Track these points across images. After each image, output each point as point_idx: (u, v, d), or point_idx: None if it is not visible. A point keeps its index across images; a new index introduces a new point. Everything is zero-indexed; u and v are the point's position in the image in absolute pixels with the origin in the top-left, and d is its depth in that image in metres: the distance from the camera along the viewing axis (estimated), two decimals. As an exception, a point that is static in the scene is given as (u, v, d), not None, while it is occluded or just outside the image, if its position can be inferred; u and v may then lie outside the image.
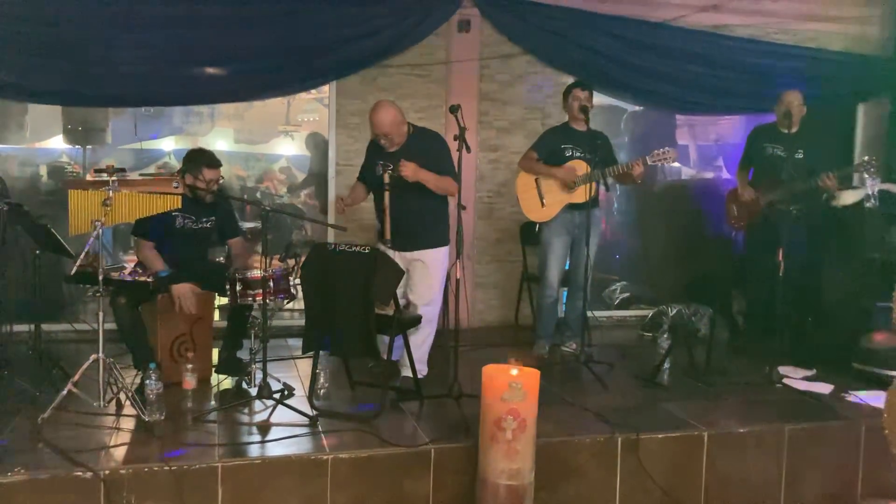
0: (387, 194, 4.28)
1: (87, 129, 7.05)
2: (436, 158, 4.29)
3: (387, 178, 4.26)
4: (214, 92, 5.77)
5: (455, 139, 3.92)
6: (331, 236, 5.90)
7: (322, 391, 4.26)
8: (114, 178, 3.64)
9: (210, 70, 5.61)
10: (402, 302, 4.21)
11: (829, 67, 6.59)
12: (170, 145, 10.00)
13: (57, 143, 7.64)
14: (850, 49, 6.70)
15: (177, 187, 3.72)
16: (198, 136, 10.53)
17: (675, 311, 6.06)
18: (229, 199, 4.50)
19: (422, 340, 4.36)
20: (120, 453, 3.37)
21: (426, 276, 4.36)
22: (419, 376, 4.37)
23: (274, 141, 11.30)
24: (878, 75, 6.64)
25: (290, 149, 10.77)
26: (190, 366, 3.94)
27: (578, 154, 4.99)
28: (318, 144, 7.56)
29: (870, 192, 5.36)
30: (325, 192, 6.18)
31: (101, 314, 3.66)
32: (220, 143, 11.21)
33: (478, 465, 3.38)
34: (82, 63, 5.39)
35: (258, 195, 8.01)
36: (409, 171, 4.15)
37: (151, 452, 3.37)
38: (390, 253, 4.40)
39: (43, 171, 7.24)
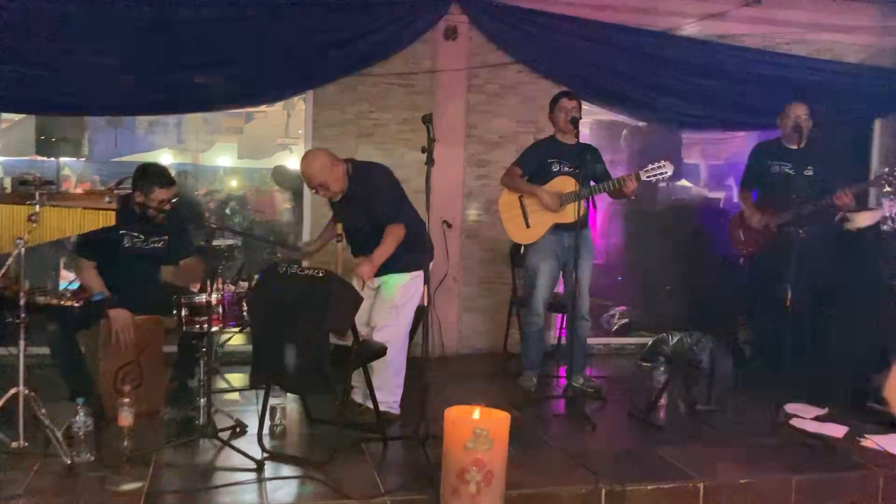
0: (339, 246, 4.03)
1: (61, 141, 6.72)
2: (372, 208, 4.00)
3: (339, 230, 4.04)
4: (185, 101, 5.43)
5: (422, 151, 3.52)
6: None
7: (278, 429, 3.86)
8: (41, 191, 3.27)
9: (181, 78, 5.27)
10: (364, 331, 3.81)
11: (844, 80, 6.19)
12: (167, 160, 9.69)
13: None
14: (866, 61, 6.30)
15: (110, 202, 3.35)
16: (198, 152, 10.22)
17: (675, 340, 5.62)
18: (177, 217, 4.13)
19: (381, 370, 3.94)
20: (32, 502, 2.97)
21: (384, 301, 3.99)
22: (393, 410, 4.02)
23: (277, 155, 10.96)
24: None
25: (294, 163, 10.41)
26: (126, 400, 3.54)
27: (567, 169, 4.59)
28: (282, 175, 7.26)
29: (887, 214, 4.95)
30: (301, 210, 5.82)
31: (21, 342, 3.27)
32: (222, 158, 10.90)
33: (438, 522, 2.97)
34: (49, 69, 5.06)
35: (228, 211, 7.62)
36: (367, 274, 3.89)
37: (71, 500, 2.98)
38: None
39: (7, 183, 6.91)
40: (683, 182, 8.42)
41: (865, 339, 4.81)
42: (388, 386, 4.00)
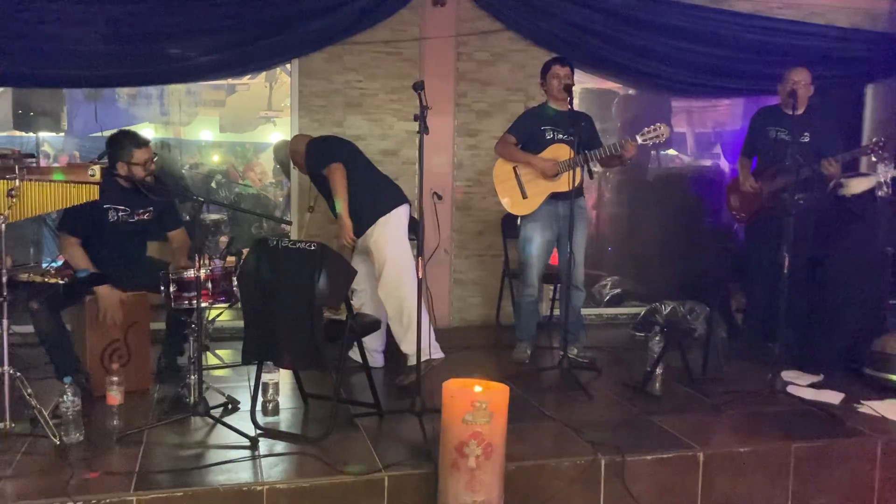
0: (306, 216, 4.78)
1: (39, 115, 6.55)
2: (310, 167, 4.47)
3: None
4: (165, 72, 5.24)
5: (415, 119, 3.42)
6: (295, 232, 5.42)
7: (271, 405, 3.79)
8: (20, 165, 3.15)
9: (162, 48, 5.12)
10: (355, 303, 3.74)
11: (837, 45, 6.11)
12: (148, 134, 9.48)
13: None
14: (858, 25, 6.21)
15: (92, 175, 3.23)
16: (180, 126, 10.02)
17: (669, 309, 5.60)
18: (160, 189, 4.02)
19: (407, 329, 3.88)
20: (20, 485, 2.89)
21: (380, 255, 4.12)
22: (437, 356, 4.13)
23: (261, 128, 10.75)
24: (889, 54, 6.15)
25: (277, 136, 10.23)
26: (115, 378, 3.46)
27: (560, 136, 4.51)
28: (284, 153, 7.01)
29: (882, 180, 4.90)
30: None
31: (4, 321, 3.17)
32: (204, 132, 10.69)
33: (437, 497, 2.92)
34: (24, 40, 4.89)
35: (213, 185, 7.47)
36: (344, 235, 4.22)
37: (60, 482, 2.90)
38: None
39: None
40: (671, 151, 8.36)
41: (859, 305, 4.79)
42: (423, 338, 3.82)
